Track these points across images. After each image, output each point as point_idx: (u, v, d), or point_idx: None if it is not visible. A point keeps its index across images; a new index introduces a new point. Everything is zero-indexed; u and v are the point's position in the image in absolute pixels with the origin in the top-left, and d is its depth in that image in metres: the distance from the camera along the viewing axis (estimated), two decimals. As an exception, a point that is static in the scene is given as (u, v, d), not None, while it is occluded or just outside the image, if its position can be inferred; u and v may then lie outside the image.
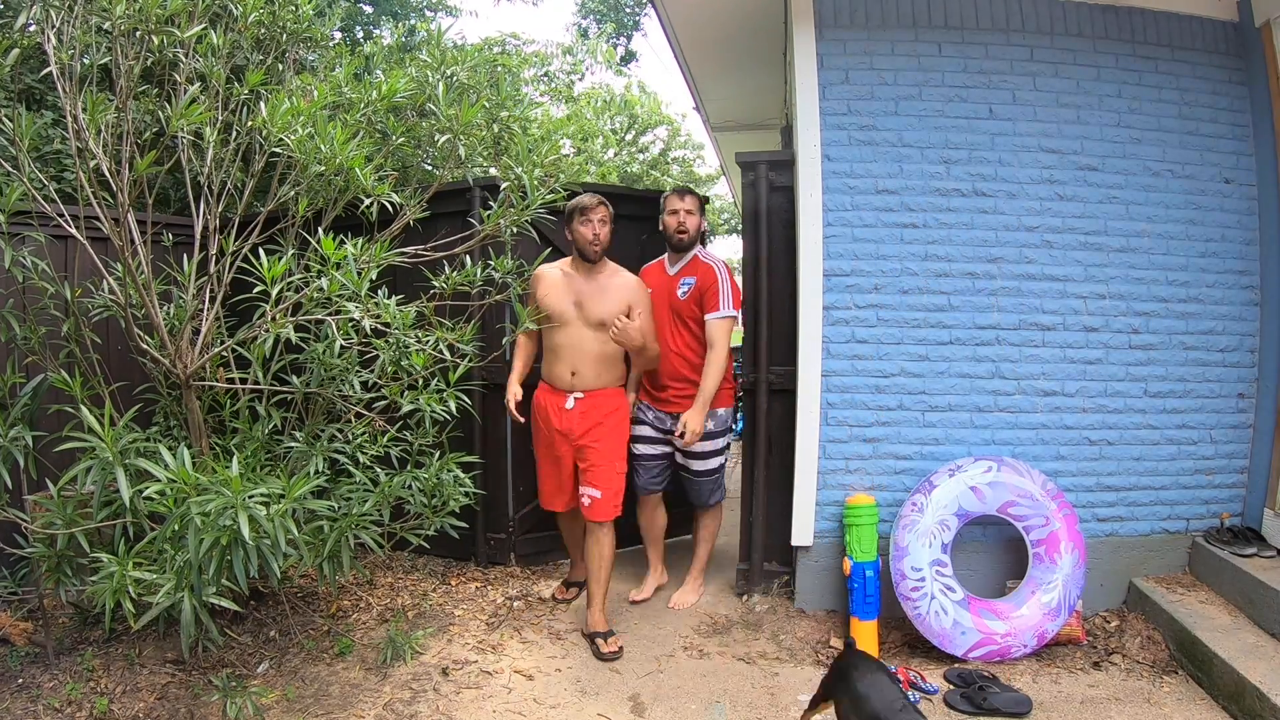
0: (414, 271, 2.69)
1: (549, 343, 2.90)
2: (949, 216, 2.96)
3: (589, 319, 2.81)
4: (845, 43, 2.99)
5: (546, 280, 2.87)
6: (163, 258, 2.73)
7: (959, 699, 2.41)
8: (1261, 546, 2.78)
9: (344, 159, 2.22)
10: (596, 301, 2.82)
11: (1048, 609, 2.66)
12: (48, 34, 2.05)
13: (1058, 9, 2.97)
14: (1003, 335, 2.97)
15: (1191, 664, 2.51)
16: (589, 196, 2.81)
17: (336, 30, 4.08)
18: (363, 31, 6.83)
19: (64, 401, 2.32)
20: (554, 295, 2.83)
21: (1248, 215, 3.00)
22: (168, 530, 1.86)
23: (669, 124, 13.46)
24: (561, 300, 2.82)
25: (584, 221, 2.79)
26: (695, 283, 3.03)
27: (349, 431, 2.58)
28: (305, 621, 2.87)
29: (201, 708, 2.28)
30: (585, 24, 12.95)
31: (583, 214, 2.79)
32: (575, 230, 2.81)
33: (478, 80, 2.72)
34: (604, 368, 2.87)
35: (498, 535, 3.55)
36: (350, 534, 2.31)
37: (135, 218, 2.29)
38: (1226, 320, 2.99)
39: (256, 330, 2.29)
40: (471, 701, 2.44)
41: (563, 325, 2.82)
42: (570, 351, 2.83)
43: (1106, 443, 2.98)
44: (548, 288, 2.85)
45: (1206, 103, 3.00)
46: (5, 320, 2.35)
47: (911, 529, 2.74)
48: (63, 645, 2.54)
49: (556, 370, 2.87)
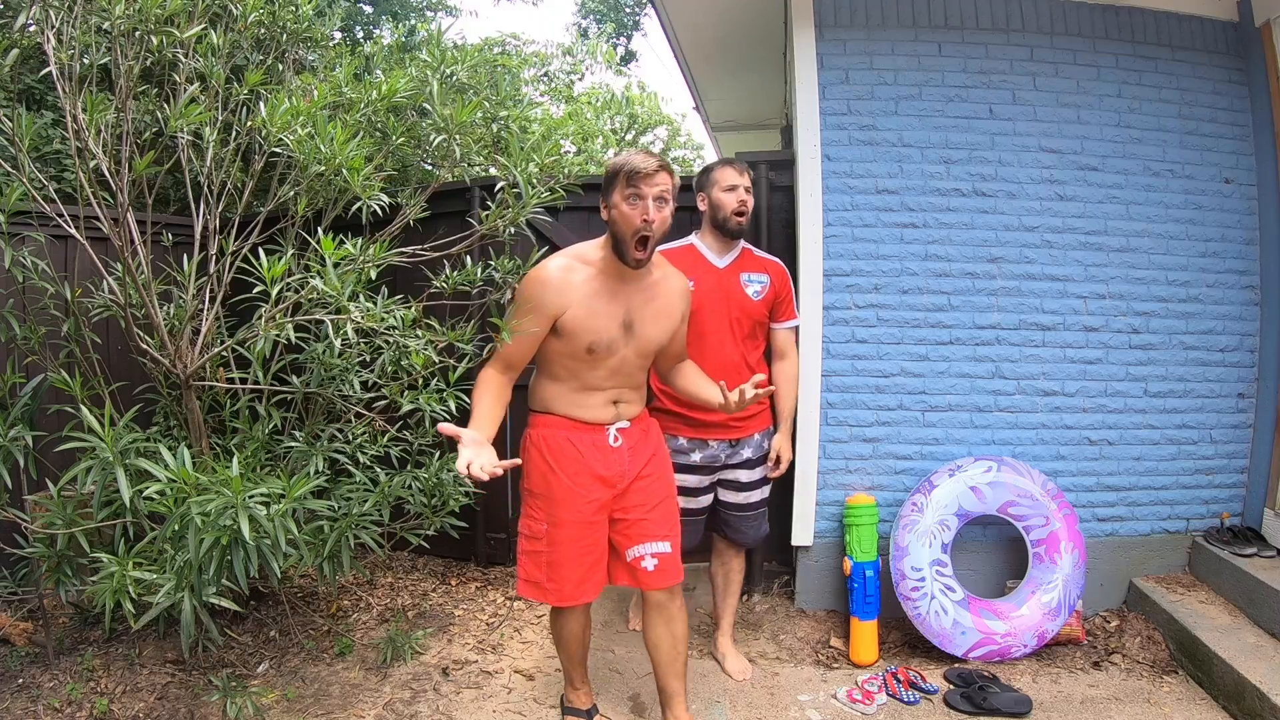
0: (414, 271, 2.68)
1: (569, 370, 1.97)
2: (949, 216, 2.96)
3: (642, 346, 1.96)
4: (845, 43, 2.99)
5: (571, 289, 1.87)
6: (163, 258, 2.73)
7: (959, 699, 2.41)
8: (1262, 546, 2.78)
9: (343, 159, 2.21)
10: (651, 321, 1.96)
11: (1048, 609, 2.66)
12: (47, 34, 2.05)
13: (1058, 9, 2.97)
14: (1003, 335, 2.97)
15: (1192, 664, 2.51)
16: (641, 156, 1.81)
17: (336, 30, 4.08)
18: (363, 31, 6.83)
19: (64, 401, 2.32)
20: (594, 314, 1.88)
21: (1248, 215, 3.00)
22: (168, 530, 1.86)
23: (669, 124, 13.46)
24: (606, 322, 1.89)
25: (633, 194, 1.78)
26: (770, 282, 2.54)
27: (349, 431, 2.58)
28: (305, 621, 2.87)
29: (201, 708, 2.28)
30: (585, 24, 12.96)
31: (632, 181, 1.77)
32: (617, 208, 1.81)
33: (477, 80, 2.72)
34: (644, 383, 2.12)
35: (498, 535, 3.55)
36: (350, 534, 2.31)
37: (135, 218, 2.29)
38: (1226, 320, 2.99)
39: (256, 330, 2.29)
40: (471, 701, 2.44)
41: (607, 355, 1.93)
42: (613, 379, 1.98)
43: (1106, 442, 2.98)
44: (580, 302, 1.87)
45: (1206, 103, 2.99)
46: (5, 320, 2.35)
47: (911, 529, 2.74)
48: (63, 645, 2.54)
49: (589, 401, 1.99)
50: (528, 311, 1.87)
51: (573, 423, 1.98)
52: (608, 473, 1.97)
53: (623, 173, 1.79)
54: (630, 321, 1.92)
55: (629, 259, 1.83)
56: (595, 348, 1.89)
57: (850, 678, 2.60)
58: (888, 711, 2.41)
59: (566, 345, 1.90)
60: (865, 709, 2.40)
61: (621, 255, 1.84)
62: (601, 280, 1.90)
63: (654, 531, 2.00)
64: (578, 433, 1.98)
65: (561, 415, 1.99)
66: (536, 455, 2.00)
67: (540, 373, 2.06)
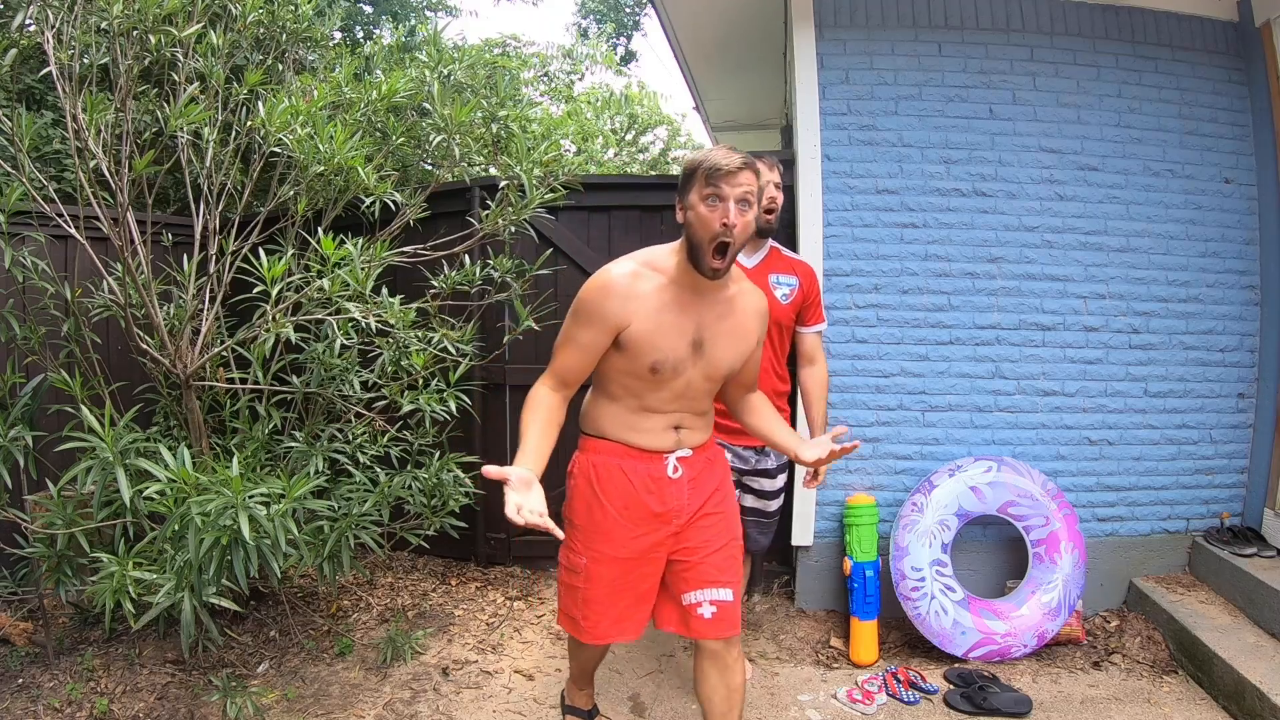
0: (414, 271, 2.69)
1: (627, 389, 1.73)
2: (949, 216, 2.96)
3: (710, 369, 1.71)
4: (845, 43, 2.99)
5: (638, 299, 1.63)
6: (163, 258, 2.73)
7: (959, 699, 2.41)
8: (1262, 546, 2.78)
9: (344, 159, 2.22)
10: (723, 341, 1.71)
11: (1048, 609, 2.66)
12: (47, 34, 2.05)
13: (1058, 9, 2.97)
14: (1003, 335, 2.97)
15: (1192, 664, 2.51)
16: (723, 152, 1.57)
17: (336, 30, 4.08)
18: (363, 31, 6.83)
19: (64, 401, 2.32)
20: (661, 329, 1.64)
21: (1248, 215, 3.00)
22: (168, 530, 1.86)
23: (669, 124, 13.45)
24: (675, 339, 1.65)
25: (712, 195, 1.54)
26: (799, 285, 2.43)
27: (349, 431, 2.58)
28: (305, 621, 2.87)
29: (201, 708, 2.28)
30: (585, 24, 12.96)
31: (711, 180, 1.54)
32: (694, 210, 1.58)
33: (475, 79, 2.72)
34: (710, 410, 1.86)
35: (498, 535, 3.55)
36: (350, 534, 2.31)
37: (135, 218, 2.29)
38: (1226, 320, 3.00)
39: (256, 330, 2.29)
40: (471, 701, 2.44)
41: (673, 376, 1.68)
42: (676, 402, 1.74)
43: (1106, 443, 2.98)
44: (647, 314, 1.63)
45: (1206, 103, 3.00)
46: (5, 320, 2.35)
47: (911, 529, 2.74)
48: (63, 645, 2.54)
49: (647, 425, 1.74)
50: (588, 321, 1.64)
51: (627, 449, 1.75)
52: (663, 508, 1.74)
53: (701, 170, 1.56)
54: (700, 340, 1.68)
55: (705, 268, 1.59)
56: (659, 367, 1.65)
57: (850, 678, 2.60)
58: (888, 711, 2.41)
59: (628, 362, 1.67)
60: (865, 709, 2.40)
61: (697, 263, 1.61)
62: (672, 291, 1.65)
63: (715, 577, 1.77)
64: (631, 460, 1.74)
65: (615, 440, 1.76)
66: (583, 484, 1.78)
67: (595, 390, 1.81)
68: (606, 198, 3.42)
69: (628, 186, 3.62)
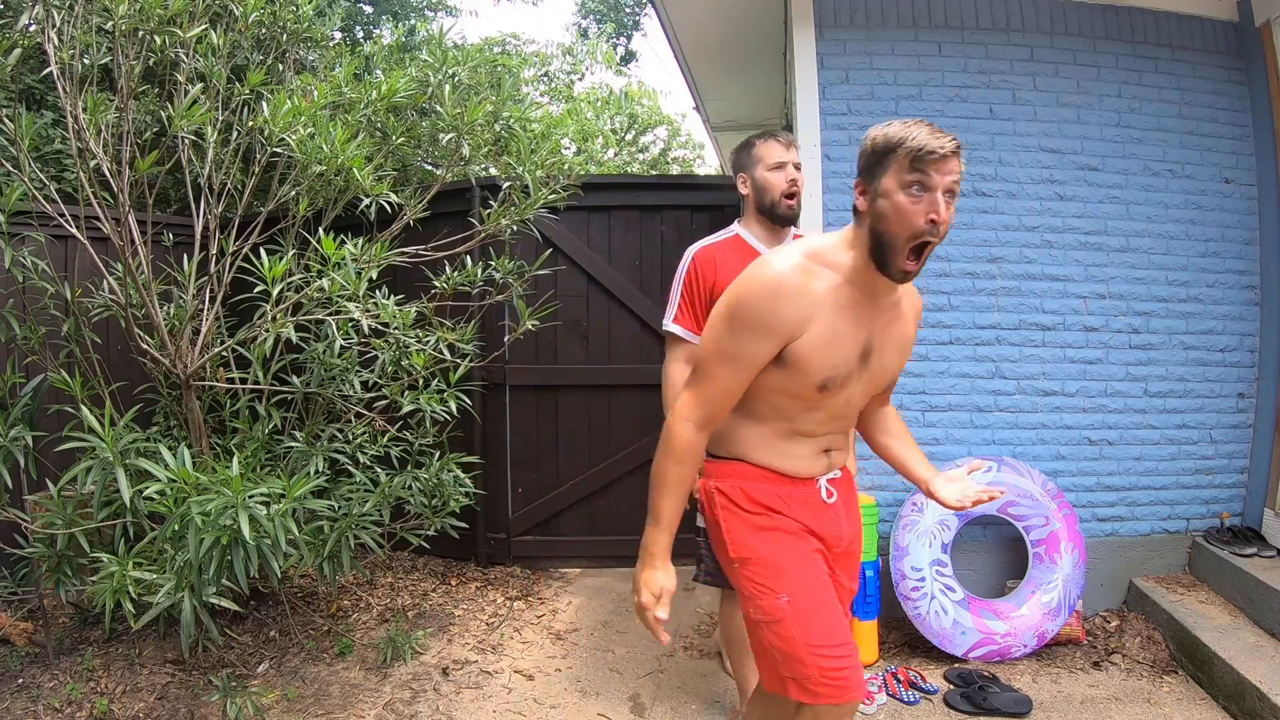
0: (414, 271, 2.69)
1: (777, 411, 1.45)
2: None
3: (872, 383, 1.47)
4: (845, 43, 2.99)
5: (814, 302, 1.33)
6: (163, 258, 2.73)
7: (959, 699, 2.41)
8: (1262, 546, 2.78)
9: (344, 159, 2.22)
10: (891, 350, 1.47)
11: (1048, 609, 2.66)
12: (48, 34, 2.05)
13: (1058, 9, 2.97)
14: (1003, 335, 2.97)
15: (1192, 664, 2.51)
16: (929, 131, 1.24)
17: (336, 30, 4.08)
18: (363, 31, 6.83)
19: (64, 401, 2.32)
20: (836, 340, 1.36)
21: (1248, 215, 3.00)
22: (168, 530, 1.86)
23: (669, 124, 13.46)
24: (848, 350, 1.38)
25: (917, 183, 1.23)
26: None
27: (349, 431, 2.58)
28: (305, 621, 2.87)
29: (201, 708, 2.28)
30: (585, 24, 12.96)
31: (918, 165, 1.22)
32: (890, 199, 1.26)
33: (479, 80, 2.72)
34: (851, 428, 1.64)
35: (498, 535, 3.55)
36: (350, 534, 2.31)
37: (135, 218, 2.30)
38: (1226, 320, 3.00)
39: (256, 330, 2.29)
40: (471, 701, 2.45)
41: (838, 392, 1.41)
42: (831, 423, 1.48)
43: (1106, 443, 2.98)
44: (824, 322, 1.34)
45: (1206, 103, 3.00)
46: (5, 320, 2.35)
47: (911, 529, 2.74)
48: (63, 645, 2.54)
49: (796, 451, 1.48)
50: (753, 330, 1.33)
51: (777, 476, 1.47)
52: (825, 532, 1.49)
53: (904, 151, 1.23)
54: (869, 350, 1.41)
55: (895, 270, 1.29)
56: (830, 384, 1.37)
57: (850, 678, 2.60)
58: (888, 711, 2.40)
59: (787, 379, 1.37)
60: (865, 709, 2.40)
61: (884, 264, 1.29)
62: (847, 293, 1.35)
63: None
64: (784, 488, 1.47)
65: (761, 465, 1.47)
66: (742, 504, 1.47)
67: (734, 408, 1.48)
68: (606, 198, 3.42)
69: (628, 186, 3.63)
